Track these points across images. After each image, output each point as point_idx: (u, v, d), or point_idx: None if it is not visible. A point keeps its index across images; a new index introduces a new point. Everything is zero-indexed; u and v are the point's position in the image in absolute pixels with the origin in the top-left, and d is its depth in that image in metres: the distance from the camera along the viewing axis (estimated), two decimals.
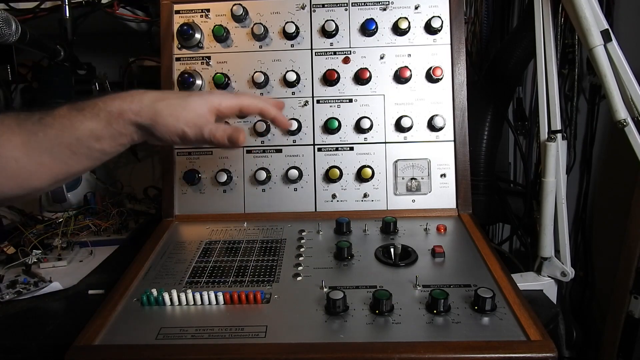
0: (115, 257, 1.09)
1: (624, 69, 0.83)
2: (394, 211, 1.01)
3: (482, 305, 0.69)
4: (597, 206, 1.72)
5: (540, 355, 0.61)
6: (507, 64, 1.21)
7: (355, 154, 1.04)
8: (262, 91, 1.04)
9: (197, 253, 0.89)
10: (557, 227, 0.97)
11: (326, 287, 0.76)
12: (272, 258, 0.87)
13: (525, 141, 1.67)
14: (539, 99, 0.96)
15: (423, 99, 1.03)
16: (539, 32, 0.94)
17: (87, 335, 0.67)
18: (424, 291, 0.74)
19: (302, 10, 1.04)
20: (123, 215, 1.23)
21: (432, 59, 1.03)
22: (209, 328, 0.68)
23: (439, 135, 1.03)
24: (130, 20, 1.22)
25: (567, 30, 1.46)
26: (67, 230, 1.12)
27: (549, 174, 0.95)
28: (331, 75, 1.02)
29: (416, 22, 1.03)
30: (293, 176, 1.02)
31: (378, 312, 0.69)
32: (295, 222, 1.00)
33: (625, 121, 0.83)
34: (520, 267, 1.23)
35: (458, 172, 1.02)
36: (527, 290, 0.94)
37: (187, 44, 1.05)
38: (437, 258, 0.84)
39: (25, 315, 0.84)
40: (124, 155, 1.66)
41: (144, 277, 0.82)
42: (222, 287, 0.78)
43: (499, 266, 0.80)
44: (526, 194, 1.40)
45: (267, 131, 1.03)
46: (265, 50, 1.05)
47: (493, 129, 1.27)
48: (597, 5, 0.84)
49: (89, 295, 0.90)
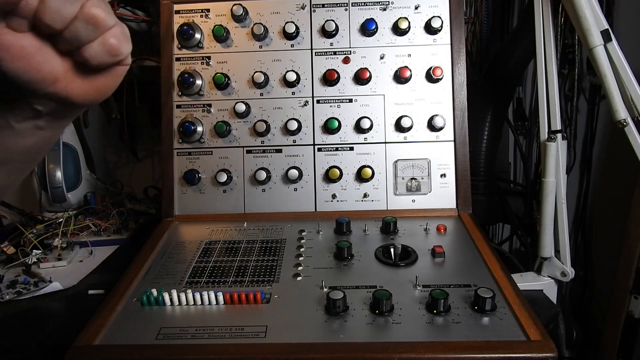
0: (115, 257, 1.09)
1: (624, 69, 0.83)
2: (394, 211, 1.01)
3: (482, 305, 0.69)
4: (597, 206, 1.72)
5: (540, 355, 0.61)
6: (507, 64, 1.21)
7: (355, 154, 1.04)
8: (262, 91, 1.04)
9: (197, 253, 0.89)
10: (557, 227, 0.97)
11: (326, 287, 0.76)
12: (272, 258, 0.87)
13: (525, 141, 1.67)
14: (539, 99, 0.96)
15: (423, 99, 1.03)
16: (539, 32, 0.94)
17: (87, 335, 0.67)
18: (424, 291, 0.74)
19: (302, 10, 1.04)
20: (123, 215, 1.23)
21: (432, 59, 1.03)
22: (209, 328, 0.68)
23: (439, 135, 1.03)
24: (130, 20, 1.22)
25: (567, 30, 1.46)
26: (67, 230, 1.12)
27: (549, 174, 0.95)
28: (331, 75, 1.02)
29: (416, 22, 1.03)
30: (293, 176, 1.02)
31: (378, 312, 0.69)
32: (295, 222, 1.00)
33: (625, 121, 0.83)
34: (520, 267, 1.23)
35: (458, 172, 1.02)
36: (527, 290, 0.94)
37: (187, 44, 1.05)
38: (437, 258, 0.84)
39: (25, 315, 0.84)
40: (124, 155, 1.66)
41: (144, 277, 0.82)
42: (222, 287, 0.78)
43: (499, 266, 0.80)
44: (526, 194, 1.40)
45: (267, 131, 1.03)
46: (265, 50, 1.05)
47: (493, 129, 1.27)
48: (597, 5, 0.84)
49: (89, 295, 0.90)
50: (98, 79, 0.45)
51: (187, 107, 1.05)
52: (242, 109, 1.02)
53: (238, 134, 1.05)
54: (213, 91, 1.05)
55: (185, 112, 1.05)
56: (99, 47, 0.42)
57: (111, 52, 0.42)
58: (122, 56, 0.44)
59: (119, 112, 1.40)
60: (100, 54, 0.42)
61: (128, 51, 0.45)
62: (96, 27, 0.40)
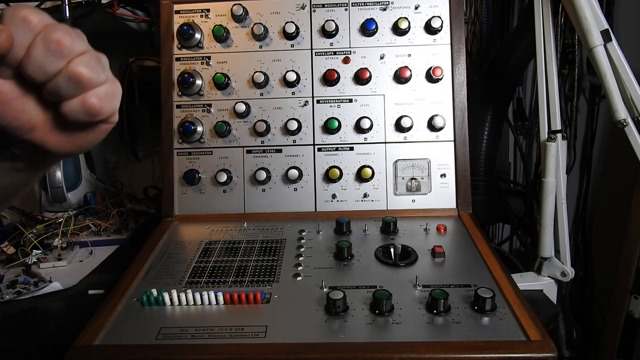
0: (115, 257, 1.09)
1: (624, 69, 0.83)
2: (394, 211, 1.01)
3: (482, 305, 0.69)
4: (597, 206, 1.72)
5: (540, 355, 0.61)
6: (507, 64, 1.21)
7: (355, 154, 1.04)
8: (262, 91, 1.04)
9: (197, 253, 0.89)
10: (557, 227, 0.97)
11: (326, 287, 0.76)
12: (272, 258, 0.87)
13: (525, 141, 1.67)
14: (539, 99, 0.96)
15: (423, 99, 1.03)
16: (539, 32, 0.94)
17: (87, 335, 0.67)
18: (424, 291, 0.74)
19: (302, 10, 1.04)
20: (123, 215, 1.23)
21: (432, 59, 1.03)
22: (209, 328, 0.68)
23: (439, 135, 1.03)
24: (130, 20, 1.22)
25: (567, 30, 1.46)
26: (67, 230, 1.12)
27: (549, 174, 0.95)
28: (331, 75, 1.02)
29: (416, 22, 1.03)
30: (293, 176, 1.02)
31: (378, 312, 0.69)
32: (295, 222, 1.00)
33: (625, 121, 0.83)
34: (520, 267, 1.23)
35: (458, 172, 1.02)
36: (527, 290, 0.94)
37: (187, 44, 1.05)
38: (437, 258, 0.84)
39: (25, 315, 0.84)
40: (124, 155, 1.66)
41: (144, 277, 0.82)
42: (222, 287, 0.78)
43: (499, 266, 0.80)
44: (526, 194, 1.40)
45: (267, 131, 1.03)
46: (265, 50, 1.05)
47: (493, 129, 1.27)
48: (597, 5, 0.84)
49: (89, 295, 0.90)
50: (78, 133, 0.44)
51: (187, 107, 1.05)
52: (242, 109, 1.02)
53: (238, 134, 1.05)
54: (213, 91, 1.05)
55: (185, 112, 1.05)
56: (77, 105, 0.41)
57: (89, 111, 0.41)
58: (102, 116, 0.42)
59: (119, 112, 1.40)
60: (78, 112, 0.41)
61: (111, 111, 0.43)
62: (78, 85, 0.39)
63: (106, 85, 0.42)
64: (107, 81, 0.42)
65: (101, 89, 0.41)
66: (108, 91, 0.42)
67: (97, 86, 0.41)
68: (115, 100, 0.43)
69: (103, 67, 0.41)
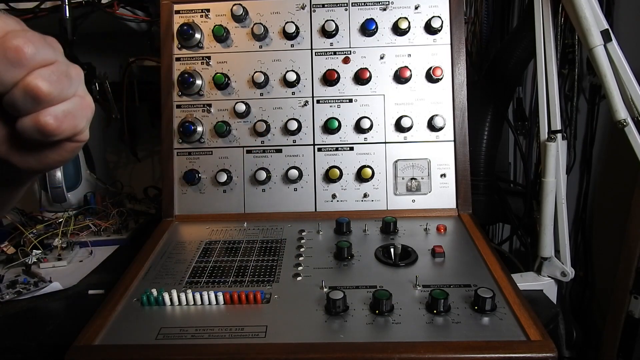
0: (115, 257, 1.09)
1: (624, 69, 0.83)
2: (394, 211, 1.01)
3: (482, 305, 0.69)
4: (597, 206, 1.72)
5: (540, 355, 0.61)
6: (507, 64, 1.21)
7: (355, 154, 1.04)
8: (262, 91, 1.04)
9: (197, 253, 0.89)
10: (557, 227, 0.97)
11: (326, 287, 0.76)
12: (272, 258, 0.87)
13: (525, 141, 1.67)
14: (539, 99, 0.96)
15: (423, 99, 1.03)
16: (539, 32, 0.94)
17: (87, 335, 0.67)
18: (424, 291, 0.74)
19: (302, 10, 1.04)
20: (123, 215, 1.23)
21: (432, 59, 1.03)
22: (209, 328, 0.68)
23: (439, 135, 1.03)
24: (130, 20, 1.22)
25: (567, 30, 1.46)
26: (67, 230, 1.12)
27: (549, 174, 0.95)
28: (331, 75, 1.02)
29: (416, 22, 1.03)
30: (293, 176, 1.02)
31: (378, 312, 0.69)
32: (295, 222, 1.00)
33: (625, 121, 0.83)
34: (520, 267, 1.23)
35: (458, 172, 1.02)
36: (527, 290, 0.94)
37: (187, 44, 1.05)
38: (437, 258, 0.84)
39: (25, 315, 0.84)
40: (124, 155, 1.66)
41: (144, 277, 0.82)
42: (222, 287, 0.78)
43: (499, 266, 0.80)
44: (526, 194, 1.40)
45: (267, 131, 1.03)
46: (265, 50, 1.05)
47: (493, 129, 1.27)
48: (597, 5, 0.84)
49: (89, 295, 0.90)
50: (42, 151, 0.40)
51: (187, 107, 1.05)
52: (242, 109, 1.02)
53: (238, 134, 1.05)
54: (213, 91, 1.05)
55: (185, 112, 1.05)
56: (30, 123, 0.36)
57: (42, 131, 0.36)
58: (59, 137, 0.38)
59: (119, 112, 1.40)
60: (30, 130, 0.36)
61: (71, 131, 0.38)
62: (35, 100, 0.35)
63: (70, 102, 0.37)
64: (73, 97, 0.38)
65: (60, 107, 0.37)
66: (69, 109, 0.37)
67: (58, 103, 0.37)
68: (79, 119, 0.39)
69: (71, 82, 0.37)
